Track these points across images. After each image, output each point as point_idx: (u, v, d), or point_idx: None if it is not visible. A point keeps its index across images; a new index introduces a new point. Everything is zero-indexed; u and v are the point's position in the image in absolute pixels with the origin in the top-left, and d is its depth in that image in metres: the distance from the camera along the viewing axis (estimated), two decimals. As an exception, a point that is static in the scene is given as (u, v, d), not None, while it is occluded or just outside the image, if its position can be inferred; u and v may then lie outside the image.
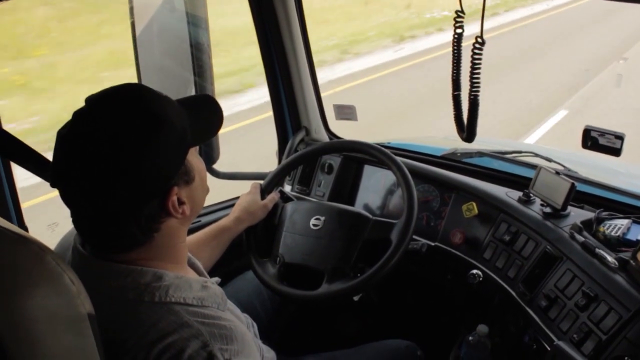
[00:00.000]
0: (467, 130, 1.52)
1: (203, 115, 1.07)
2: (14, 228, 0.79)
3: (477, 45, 1.35)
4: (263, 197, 1.67)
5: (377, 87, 8.01)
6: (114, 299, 0.95)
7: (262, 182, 1.73)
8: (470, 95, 1.44)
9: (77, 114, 0.93)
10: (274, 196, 1.69)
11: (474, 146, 2.11)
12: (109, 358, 0.88)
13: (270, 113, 2.18)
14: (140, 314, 0.94)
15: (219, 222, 1.60)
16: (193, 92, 1.96)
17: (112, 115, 0.91)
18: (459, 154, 2.06)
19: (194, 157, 1.03)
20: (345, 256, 1.54)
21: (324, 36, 9.75)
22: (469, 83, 1.43)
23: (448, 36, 1.45)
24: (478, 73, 1.41)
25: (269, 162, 2.28)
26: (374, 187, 1.98)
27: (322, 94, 2.17)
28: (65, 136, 0.91)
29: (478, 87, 1.42)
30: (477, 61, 1.40)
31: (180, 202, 0.98)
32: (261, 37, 2.05)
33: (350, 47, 9.80)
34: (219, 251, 1.56)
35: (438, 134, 3.88)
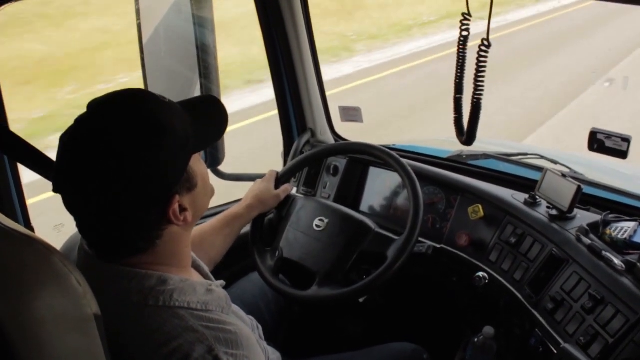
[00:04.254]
0: (467, 134, 1.51)
1: (207, 119, 1.06)
2: (21, 229, 0.79)
3: (482, 48, 1.35)
4: (277, 187, 1.68)
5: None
6: (119, 301, 0.95)
7: (279, 170, 1.73)
8: (473, 98, 1.43)
9: (78, 120, 0.93)
10: (287, 187, 1.70)
11: (479, 148, 2.11)
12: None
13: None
14: (145, 317, 0.94)
15: (230, 209, 1.61)
16: (198, 93, 1.96)
17: (112, 122, 0.91)
18: (464, 156, 2.06)
19: (196, 162, 1.02)
20: (340, 263, 1.54)
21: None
22: (472, 86, 1.42)
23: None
24: (482, 76, 1.41)
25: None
26: (379, 189, 1.98)
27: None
28: (67, 143, 0.91)
29: (482, 90, 1.42)
30: (482, 64, 1.39)
31: (183, 209, 0.98)
32: (267, 39, 2.05)
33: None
34: (232, 239, 1.57)
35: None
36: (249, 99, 7.01)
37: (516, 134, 5.86)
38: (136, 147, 0.89)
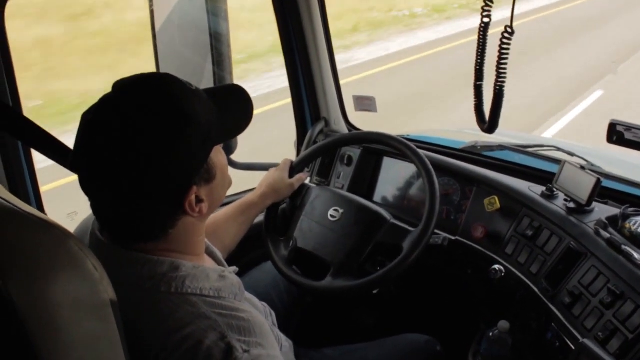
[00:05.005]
0: (490, 121, 1.49)
1: (232, 110, 1.04)
2: (37, 213, 0.78)
3: (505, 35, 1.32)
4: (291, 175, 1.66)
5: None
6: (131, 287, 0.94)
7: (293, 159, 1.72)
8: (495, 85, 1.41)
9: (103, 100, 0.92)
10: (301, 176, 1.69)
11: (494, 139, 2.09)
12: (128, 345, 0.87)
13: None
14: (158, 303, 0.94)
15: (245, 197, 1.60)
16: (211, 82, 1.95)
17: (137, 107, 0.89)
18: (479, 147, 2.03)
19: (217, 153, 1.01)
20: (355, 254, 1.53)
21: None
22: (494, 73, 1.40)
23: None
24: (505, 63, 1.38)
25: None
26: (393, 180, 1.96)
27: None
28: (89, 121, 0.90)
29: (504, 77, 1.40)
30: (504, 51, 1.37)
31: (199, 200, 0.97)
32: (282, 28, 2.03)
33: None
34: (246, 227, 1.56)
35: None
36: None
37: (528, 125, 5.85)
38: (157, 135, 0.88)
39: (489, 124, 1.48)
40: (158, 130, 0.88)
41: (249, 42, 8.00)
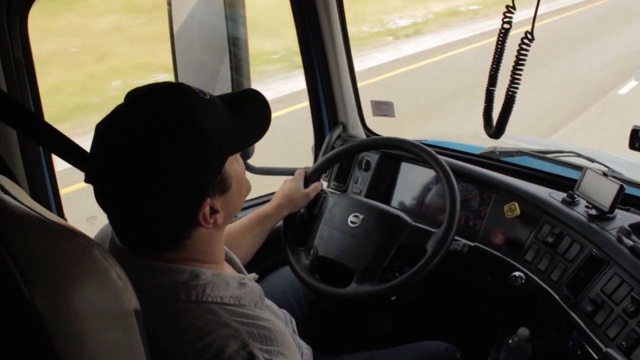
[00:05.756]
0: (497, 127, 1.47)
1: (248, 119, 1.02)
2: (61, 221, 0.78)
3: (525, 41, 1.31)
4: (306, 185, 1.66)
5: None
6: (151, 296, 0.93)
7: (307, 168, 1.72)
8: (508, 91, 1.39)
9: (115, 114, 0.91)
10: (317, 185, 1.68)
11: (513, 145, 2.07)
12: (150, 354, 0.87)
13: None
14: (178, 312, 0.93)
15: (260, 208, 1.60)
16: (229, 87, 1.95)
17: (147, 120, 0.88)
18: (497, 153, 2.01)
19: (232, 162, 0.99)
20: (378, 258, 1.52)
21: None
22: (509, 78, 1.39)
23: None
24: (521, 69, 1.37)
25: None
26: (411, 185, 1.95)
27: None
28: (102, 136, 0.90)
29: (518, 83, 1.38)
30: (522, 57, 1.36)
31: (214, 211, 0.95)
32: (301, 32, 2.03)
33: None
34: (262, 238, 1.56)
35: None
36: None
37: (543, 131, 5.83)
38: (169, 150, 0.87)
39: (496, 129, 1.47)
40: (169, 145, 0.87)
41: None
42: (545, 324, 1.52)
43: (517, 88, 1.39)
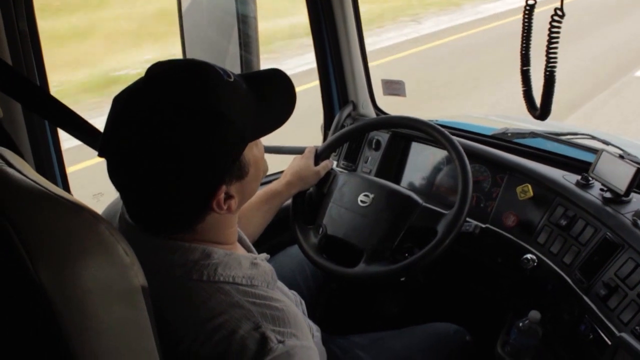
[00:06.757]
0: (542, 108, 1.43)
1: (272, 105, 0.98)
2: (67, 195, 0.76)
3: (556, 18, 1.27)
4: (317, 163, 1.64)
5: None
6: (162, 274, 0.91)
7: (318, 146, 1.69)
8: (546, 70, 1.35)
9: (135, 89, 0.88)
10: (327, 163, 1.66)
11: (525, 126, 2.04)
12: (158, 334, 0.85)
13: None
14: (189, 291, 0.91)
15: (269, 185, 1.58)
16: (238, 66, 1.92)
17: (167, 99, 0.85)
18: (510, 134, 1.98)
19: (252, 147, 0.95)
20: (388, 239, 1.50)
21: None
22: (544, 57, 1.35)
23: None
24: (555, 47, 1.33)
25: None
26: (422, 165, 1.92)
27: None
28: (119, 112, 0.87)
29: (555, 61, 1.34)
30: (554, 34, 1.32)
31: (228, 197, 0.92)
32: (311, 10, 2.00)
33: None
34: (270, 216, 1.54)
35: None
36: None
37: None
38: (188, 134, 0.84)
39: (541, 111, 1.42)
40: (189, 128, 0.84)
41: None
42: (557, 308, 1.50)
43: (555, 66, 1.35)
